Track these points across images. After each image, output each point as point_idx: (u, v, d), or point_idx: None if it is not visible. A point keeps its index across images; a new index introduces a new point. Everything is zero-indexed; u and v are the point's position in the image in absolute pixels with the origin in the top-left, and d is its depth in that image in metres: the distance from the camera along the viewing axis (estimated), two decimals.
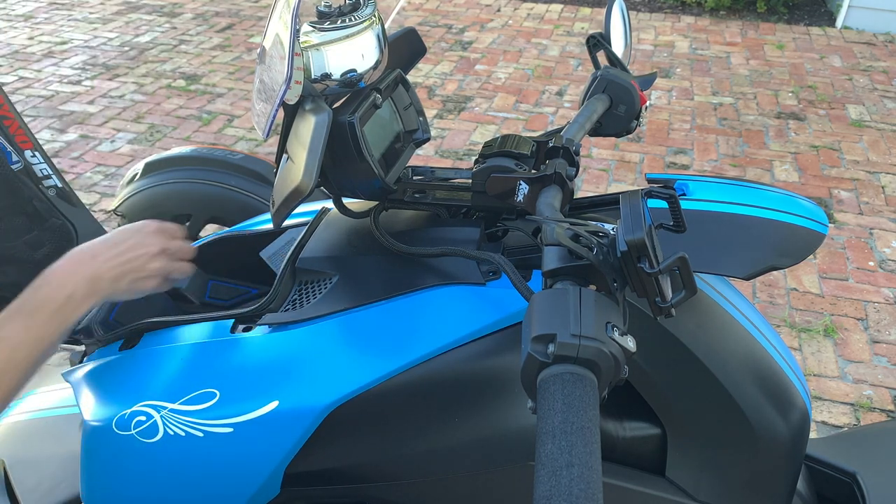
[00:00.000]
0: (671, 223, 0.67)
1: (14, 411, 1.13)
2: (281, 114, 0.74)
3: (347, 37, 0.74)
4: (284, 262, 0.86)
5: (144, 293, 0.81)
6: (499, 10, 5.52)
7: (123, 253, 0.78)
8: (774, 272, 2.28)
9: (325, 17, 0.75)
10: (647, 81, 1.07)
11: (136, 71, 4.35)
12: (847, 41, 4.95)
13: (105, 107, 3.91)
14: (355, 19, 0.75)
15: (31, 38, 4.79)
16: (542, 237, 0.65)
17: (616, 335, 0.55)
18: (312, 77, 0.74)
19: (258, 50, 0.77)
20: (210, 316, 0.83)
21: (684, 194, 0.83)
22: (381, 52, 0.78)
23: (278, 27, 0.70)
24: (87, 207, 1.80)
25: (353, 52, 0.75)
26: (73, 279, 0.74)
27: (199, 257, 1.00)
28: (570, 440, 0.49)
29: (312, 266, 0.85)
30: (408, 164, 0.88)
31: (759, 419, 0.83)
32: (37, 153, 1.65)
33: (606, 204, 0.87)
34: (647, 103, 1.03)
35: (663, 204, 0.68)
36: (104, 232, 1.81)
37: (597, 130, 1.02)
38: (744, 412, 0.82)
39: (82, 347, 0.94)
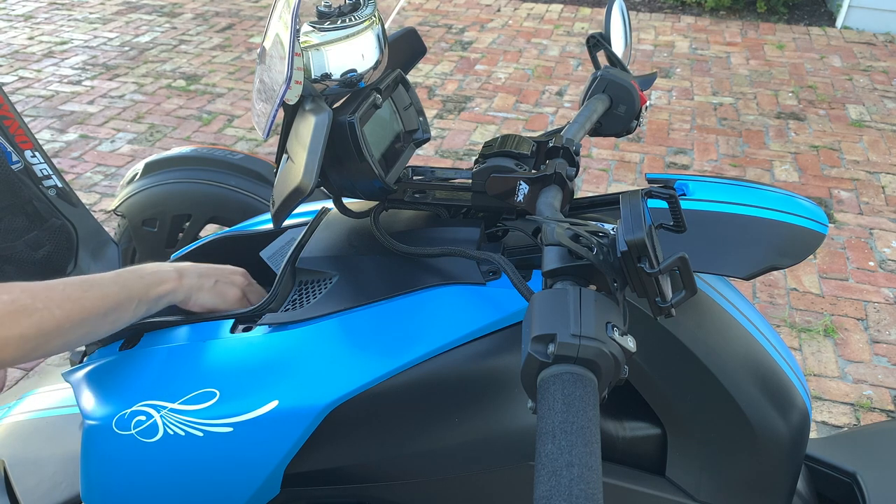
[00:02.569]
0: (671, 223, 0.67)
1: (14, 411, 1.13)
2: (281, 114, 0.74)
3: (347, 37, 0.74)
4: (284, 262, 0.86)
5: (223, 303, 0.84)
6: (499, 10, 5.52)
7: (210, 265, 0.87)
8: (774, 272, 2.28)
9: (325, 17, 0.75)
10: (647, 81, 1.07)
11: (136, 71, 4.35)
12: (847, 41, 4.95)
13: (105, 107, 3.91)
14: (355, 19, 0.75)
15: (31, 38, 4.79)
16: (542, 237, 0.65)
17: (616, 335, 0.55)
18: (312, 77, 0.74)
19: (258, 50, 0.77)
20: (210, 316, 0.83)
21: (684, 194, 0.83)
22: (381, 52, 0.78)
23: (278, 27, 0.70)
24: (87, 207, 1.80)
25: (353, 52, 0.75)
26: (165, 266, 0.82)
27: (199, 257, 1.00)
28: (570, 440, 0.49)
29: (312, 266, 0.85)
30: (408, 164, 0.88)
31: (759, 419, 0.83)
32: (37, 153, 1.65)
33: (606, 204, 0.87)
34: (647, 103, 1.03)
35: (663, 204, 0.68)
36: (104, 232, 1.80)
37: (597, 130, 1.02)
38: (744, 412, 0.82)
39: (82, 347, 0.94)
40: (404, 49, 0.95)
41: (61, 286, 0.71)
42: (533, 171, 0.81)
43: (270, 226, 1.01)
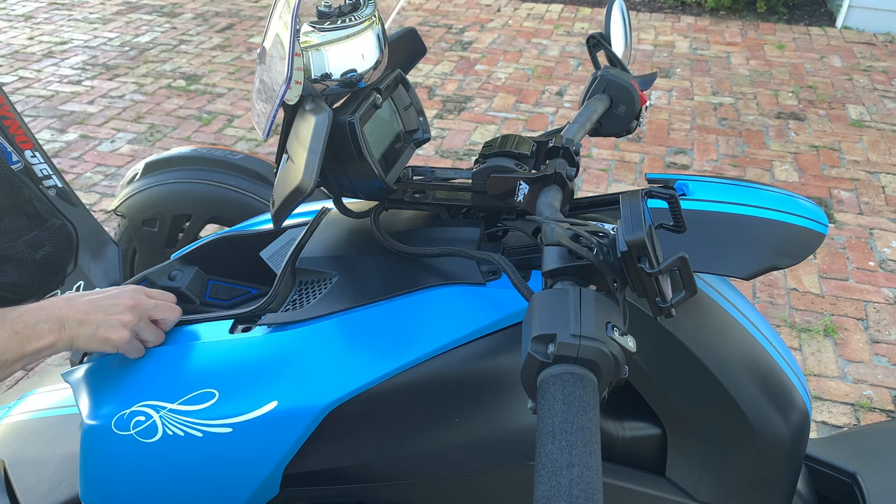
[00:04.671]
0: (671, 223, 0.67)
1: (14, 411, 1.13)
2: (281, 114, 0.74)
3: (347, 37, 0.74)
4: (284, 262, 0.86)
5: (112, 348, 0.78)
6: (499, 10, 5.52)
7: (95, 301, 0.78)
8: (774, 272, 2.28)
9: (325, 17, 0.75)
10: (647, 81, 1.07)
11: (136, 71, 4.35)
12: (847, 41, 4.95)
13: (105, 107, 3.91)
14: (355, 19, 0.75)
15: (31, 38, 4.79)
16: (542, 237, 0.65)
17: (616, 335, 0.55)
18: (312, 77, 0.74)
19: (258, 50, 0.77)
20: (210, 316, 0.83)
21: (684, 194, 0.83)
22: (381, 52, 0.78)
23: (278, 27, 0.70)
24: (87, 207, 1.80)
25: (353, 52, 0.75)
26: (43, 314, 0.76)
27: (199, 257, 1.00)
28: (570, 440, 0.49)
29: (312, 266, 0.85)
30: (408, 164, 0.88)
31: (759, 419, 0.83)
32: (37, 153, 1.65)
33: (606, 204, 0.87)
34: (647, 103, 1.03)
35: (663, 204, 0.68)
36: (104, 232, 1.80)
37: (597, 130, 1.02)
38: (744, 412, 0.82)
39: None
40: (404, 49, 0.95)
41: None
42: (533, 171, 0.81)
43: (270, 226, 1.01)
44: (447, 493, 0.80)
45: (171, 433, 0.74)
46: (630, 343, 0.56)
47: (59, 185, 1.69)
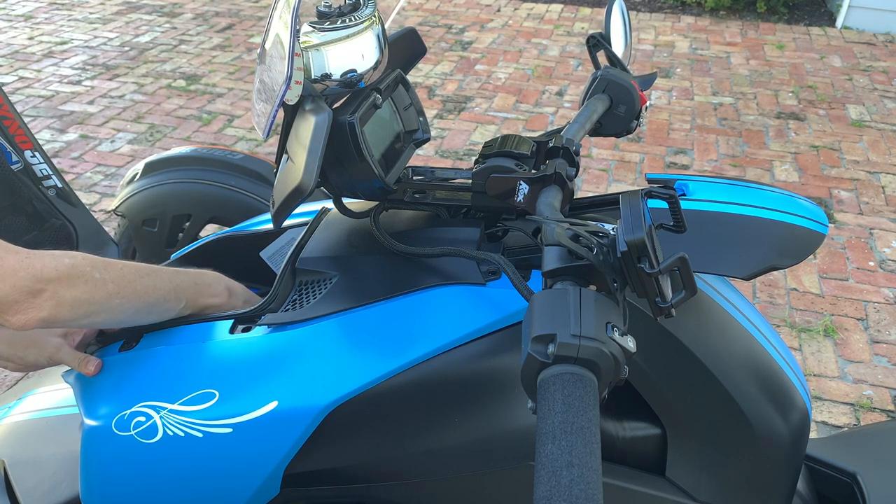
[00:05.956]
0: (671, 223, 0.67)
1: (14, 411, 1.13)
2: (281, 114, 0.74)
3: (347, 37, 0.74)
4: (284, 262, 0.86)
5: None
6: (499, 10, 5.52)
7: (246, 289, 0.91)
8: (774, 272, 2.28)
9: (325, 18, 0.75)
10: (647, 81, 1.07)
11: (136, 71, 4.35)
12: (847, 41, 4.95)
13: (105, 107, 3.91)
14: (355, 19, 0.75)
15: (31, 38, 4.79)
16: (542, 237, 0.65)
17: (616, 335, 0.55)
18: (312, 77, 0.74)
19: (258, 50, 0.77)
20: (210, 316, 0.83)
21: (684, 194, 0.83)
22: (381, 52, 0.78)
23: (278, 27, 0.70)
24: (87, 207, 1.80)
25: (353, 53, 0.75)
26: (219, 279, 0.86)
27: (200, 257, 1.00)
28: (570, 440, 0.49)
29: (312, 266, 0.85)
30: (408, 164, 0.88)
31: (759, 419, 0.83)
32: (37, 153, 1.65)
33: (606, 204, 0.87)
34: (647, 103, 1.03)
35: (663, 204, 0.68)
36: (104, 232, 1.80)
37: (597, 130, 1.02)
38: (744, 412, 0.82)
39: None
40: (404, 49, 0.95)
41: (119, 266, 0.75)
42: (533, 171, 0.81)
43: (270, 226, 1.01)
44: (447, 493, 0.80)
45: (171, 434, 0.74)
46: (630, 343, 0.56)
47: (59, 185, 1.70)
